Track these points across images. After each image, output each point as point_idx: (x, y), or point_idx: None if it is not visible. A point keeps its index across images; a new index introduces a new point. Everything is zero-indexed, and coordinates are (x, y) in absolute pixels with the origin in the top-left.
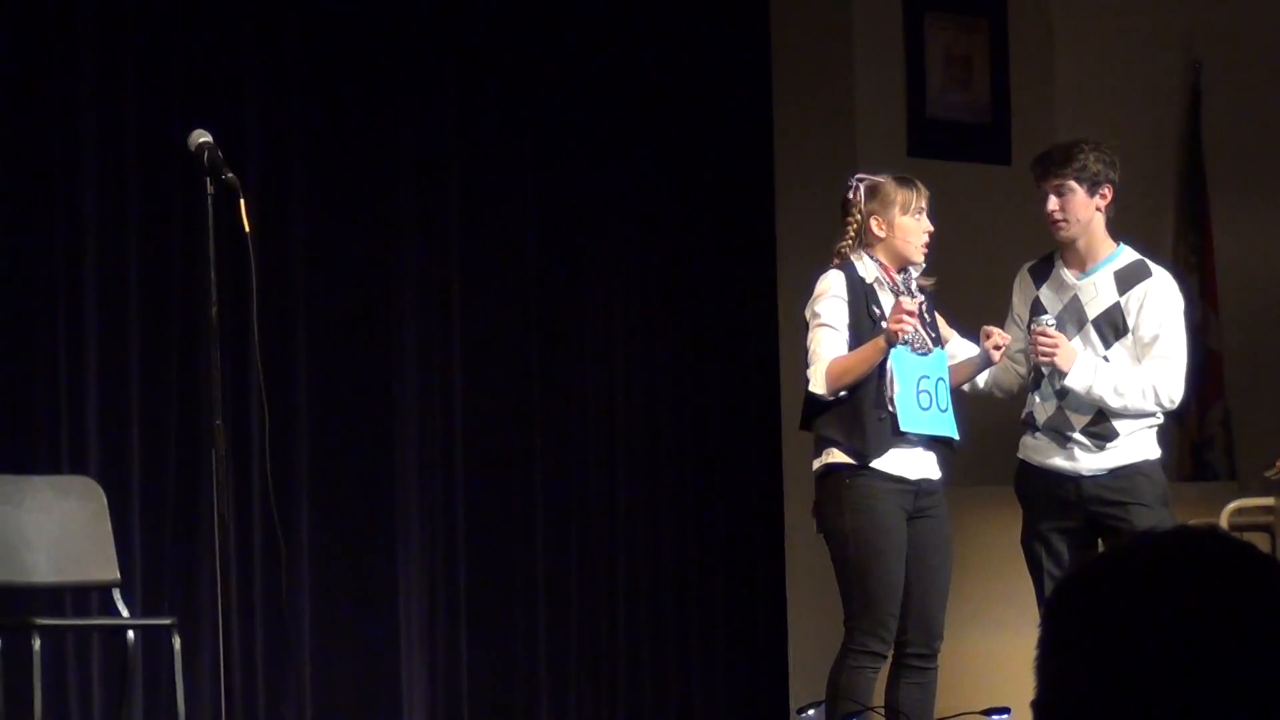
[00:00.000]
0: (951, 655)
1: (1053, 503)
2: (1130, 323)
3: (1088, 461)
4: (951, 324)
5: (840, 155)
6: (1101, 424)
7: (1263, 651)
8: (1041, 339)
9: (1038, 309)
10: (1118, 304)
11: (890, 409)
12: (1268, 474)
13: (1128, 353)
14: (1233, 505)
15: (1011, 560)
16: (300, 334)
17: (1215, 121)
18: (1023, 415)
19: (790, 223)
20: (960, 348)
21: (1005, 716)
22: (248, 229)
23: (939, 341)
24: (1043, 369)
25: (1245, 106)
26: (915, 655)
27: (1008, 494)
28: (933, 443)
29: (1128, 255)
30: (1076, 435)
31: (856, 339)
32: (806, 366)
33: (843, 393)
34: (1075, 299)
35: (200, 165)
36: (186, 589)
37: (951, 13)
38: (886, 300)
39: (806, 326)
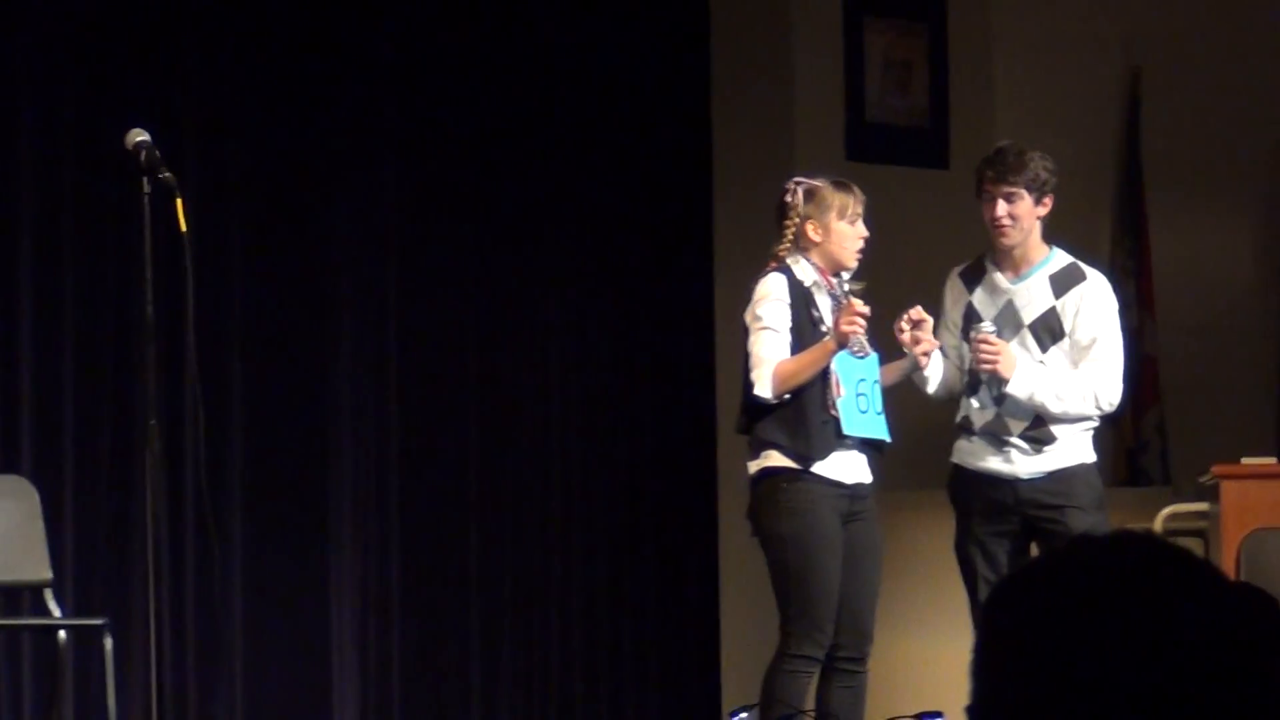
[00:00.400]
0: (884, 660)
1: (989, 506)
2: (1067, 326)
3: (1025, 465)
4: (885, 328)
5: (779, 159)
6: (1039, 428)
7: (1198, 656)
8: (984, 346)
9: (973, 315)
10: (1054, 308)
11: (834, 412)
12: (1202, 479)
13: (1065, 356)
14: (1167, 510)
15: (942, 564)
16: (235, 333)
17: (1154, 127)
18: (957, 420)
19: (728, 226)
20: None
21: None
22: (184, 228)
23: (872, 345)
24: (981, 375)
25: (1184, 113)
26: (846, 659)
27: (939, 498)
28: (865, 446)
29: (1061, 258)
30: (1014, 439)
31: (797, 342)
32: (749, 370)
33: (786, 396)
34: (1010, 304)
35: (137, 164)
36: (118, 589)
37: (891, 17)
38: (824, 303)
39: (746, 331)
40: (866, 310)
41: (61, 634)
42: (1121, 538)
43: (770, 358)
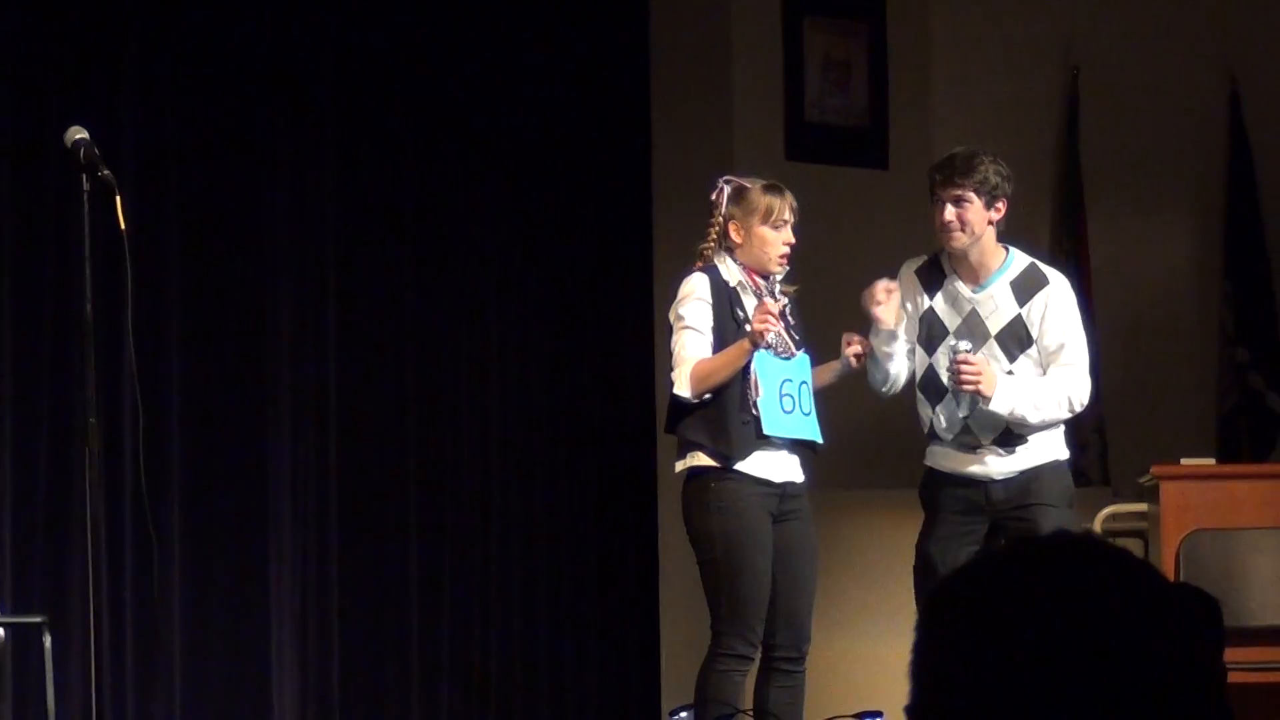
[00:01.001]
0: (824, 659)
1: (960, 506)
2: (1034, 333)
3: (998, 466)
4: (826, 328)
5: (718, 159)
6: (1008, 434)
7: (1137, 653)
8: (965, 367)
9: (935, 322)
10: (1019, 316)
11: (754, 412)
12: (1141, 480)
13: (1033, 364)
14: (1106, 510)
15: (883, 564)
16: (174, 332)
17: (1093, 128)
18: (925, 428)
19: (667, 226)
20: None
21: None
22: (124, 226)
23: (801, 345)
24: (960, 394)
25: (1123, 114)
26: (784, 659)
27: (881, 498)
28: (796, 446)
29: (1019, 261)
30: (985, 446)
31: (720, 342)
32: (671, 369)
33: (707, 395)
34: (974, 313)
35: (76, 162)
36: (56, 587)
37: (830, 17)
38: (750, 303)
39: (670, 330)
40: (778, 307)
41: (0, 632)
42: (1061, 538)
43: (690, 357)
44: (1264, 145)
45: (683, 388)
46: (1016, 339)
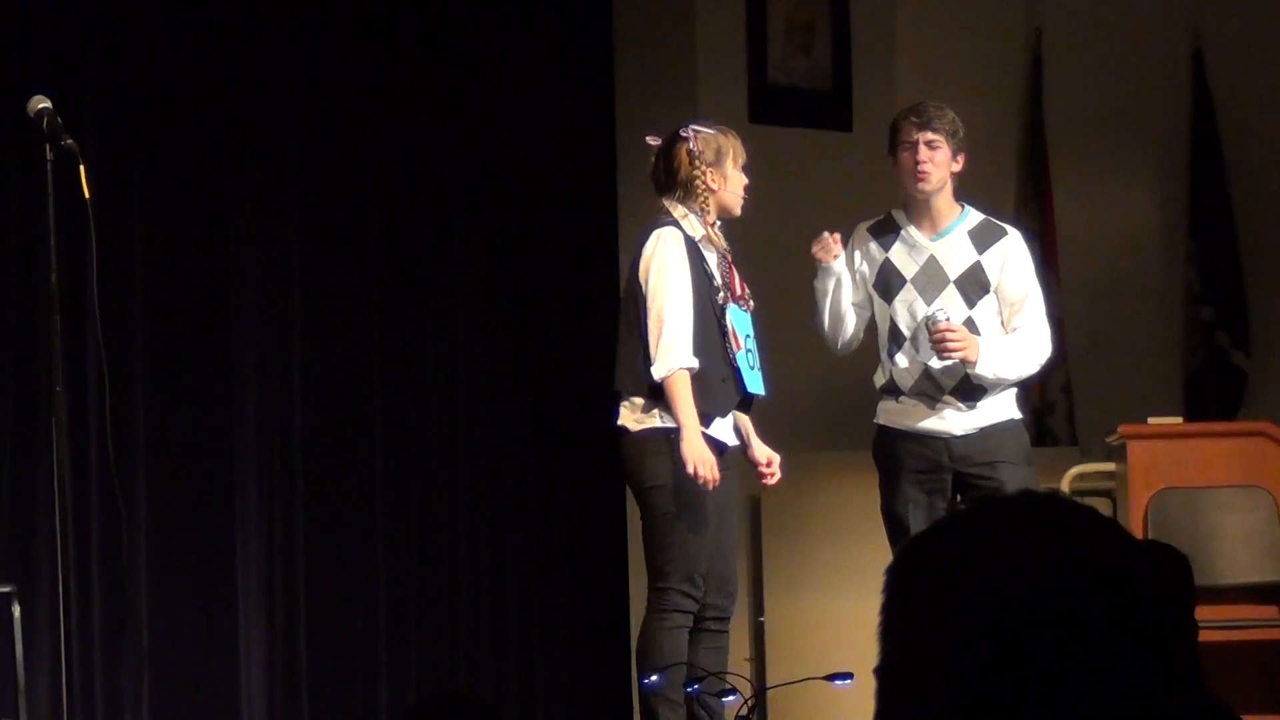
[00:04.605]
0: (793, 622)
1: (921, 464)
2: (993, 280)
3: (958, 422)
4: (788, 289)
5: (682, 121)
6: (968, 383)
7: (1103, 610)
8: (949, 334)
9: (892, 272)
10: (978, 262)
11: (733, 366)
12: (1109, 439)
13: (992, 310)
14: (1074, 470)
15: (853, 526)
16: (138, 300)
17: (1056, 89)
18: (880, 383)
19: (632, 189)
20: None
21: (848, 681)
22: (88, 195)
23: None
24: (941, 360)
25: (1086, 74)
26: (714, 619)
27: (853, 459)
28: (741, 405)
29: (975, 215)
30: (946, 397)
31: (696, 303)
32: (654, 336)
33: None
34: (932, 260)
35: (39, 131)
36: (22, 556)
37: None
38: (713, 259)
39: (640, 286)
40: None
41: None
42: (1026, 496)
43: (678, 357)
44: (1227, 103)
45: (660, 371)
46: (977, 284)
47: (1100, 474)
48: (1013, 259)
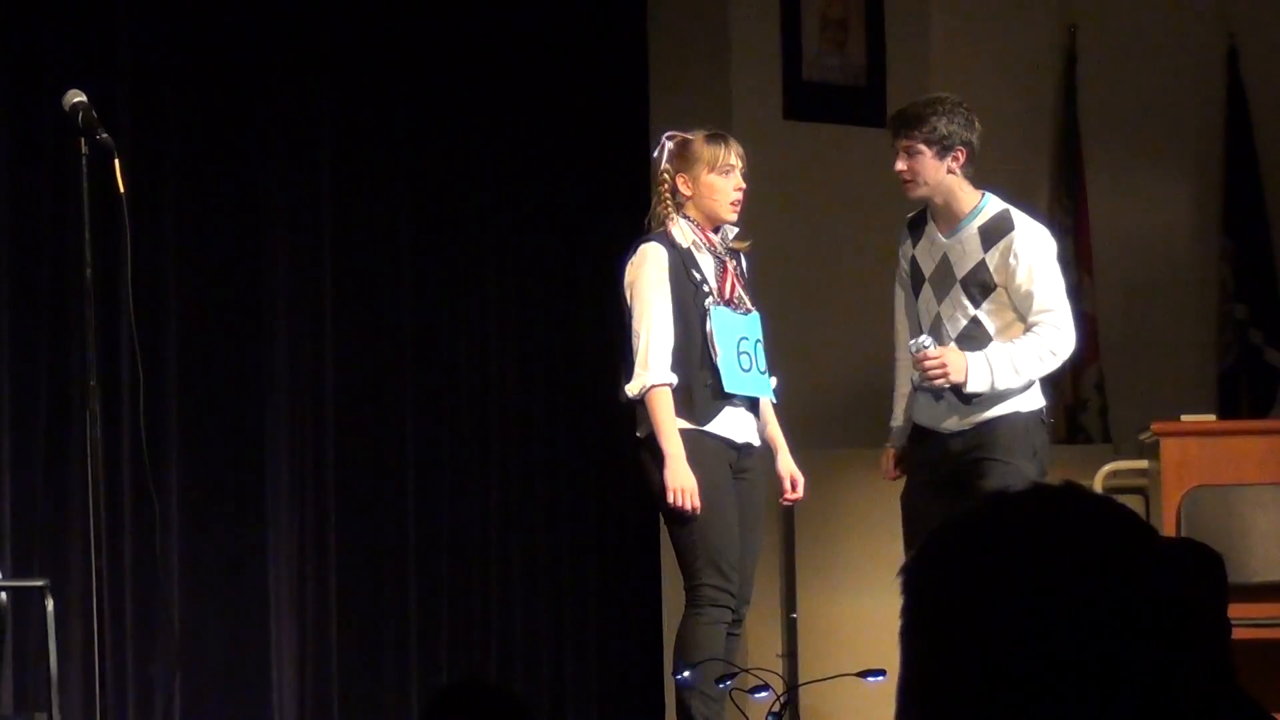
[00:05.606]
0: (827, 620)
1: (929, 457)
2: (996, 280)
3: (951, 419)
4: (824, 287)
5: (717, 120)
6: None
7: (1126, 605)
8: (929, 363)
9: (916, 270)
10: (982, 261)
11: (715, 367)
12: (1142, 437)
13: (999, 309)
14: (1107, 468)
15: (889, 523)
16: (172, 295)
17: (1090, 85)
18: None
19: None
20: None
21: (880, 678)
22: (122, 189)
23: (754, 303)
24: (938, 387)
25: (1120, 72)
26: (731, 621)
27: (876, 457)
28: (755, 406)
29: (993, 207)
30: (947, 393)
31: (679, 312)
32: (635, 353)
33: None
34: (945, 259)
35: (74, 126)
36: (56, 550)
37: None
38: (705, 261)
39: (627, 302)
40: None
41: (1, 596)
42: (1041, 491)
43: (654, 375)
44: (1262, 101)
45: (634, 390)
46: (980, 285)
47: (1133, 471)
48: (1013, 256)
